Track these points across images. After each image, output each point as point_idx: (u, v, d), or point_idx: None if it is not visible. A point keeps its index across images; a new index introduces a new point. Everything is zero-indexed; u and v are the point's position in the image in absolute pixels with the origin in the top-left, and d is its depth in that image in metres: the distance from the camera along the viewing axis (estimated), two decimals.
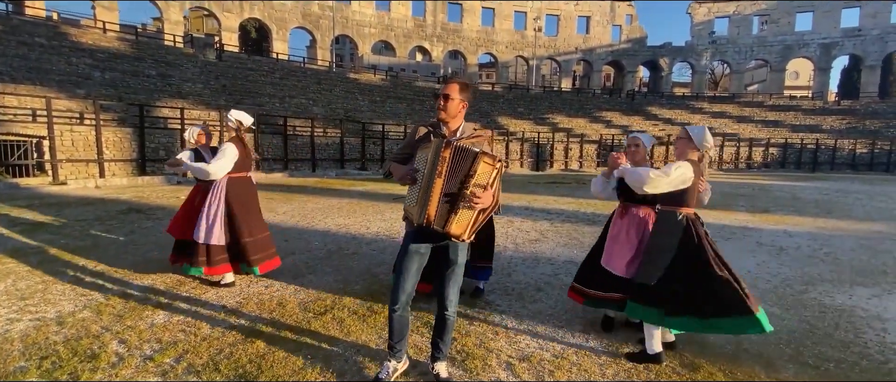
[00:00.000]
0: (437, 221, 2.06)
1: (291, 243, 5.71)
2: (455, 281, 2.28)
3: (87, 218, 6.99)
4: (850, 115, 35.43)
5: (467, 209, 2.04)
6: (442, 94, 2.24)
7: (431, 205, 2.04)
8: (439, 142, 2.05)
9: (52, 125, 11.74)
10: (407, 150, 2.37)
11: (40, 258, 4.74)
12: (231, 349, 2.79)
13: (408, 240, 2.27)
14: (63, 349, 2.76)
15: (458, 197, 2.03)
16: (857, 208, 10.45)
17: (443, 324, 2.33)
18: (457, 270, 2.27)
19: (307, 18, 37.13)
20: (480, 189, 2.02)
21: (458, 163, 2.03)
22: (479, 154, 2.00)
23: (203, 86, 22.06)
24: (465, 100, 2.27)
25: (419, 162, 2.15)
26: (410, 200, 2.17)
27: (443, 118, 2.26)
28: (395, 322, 2.31)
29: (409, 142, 2.37)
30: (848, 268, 5.09)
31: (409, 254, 2.24)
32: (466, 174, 2.01)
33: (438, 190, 2.04)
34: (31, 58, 17.23)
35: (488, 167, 2.03)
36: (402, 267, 2.26)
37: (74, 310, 3.35)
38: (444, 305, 2.29)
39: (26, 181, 11.17)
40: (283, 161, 17.48)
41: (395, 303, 2.27)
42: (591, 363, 2.73)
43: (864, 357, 2.92)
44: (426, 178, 2.07)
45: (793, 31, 42.12)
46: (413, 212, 2.14)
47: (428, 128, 2.33)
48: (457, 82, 2.25)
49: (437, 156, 2.03)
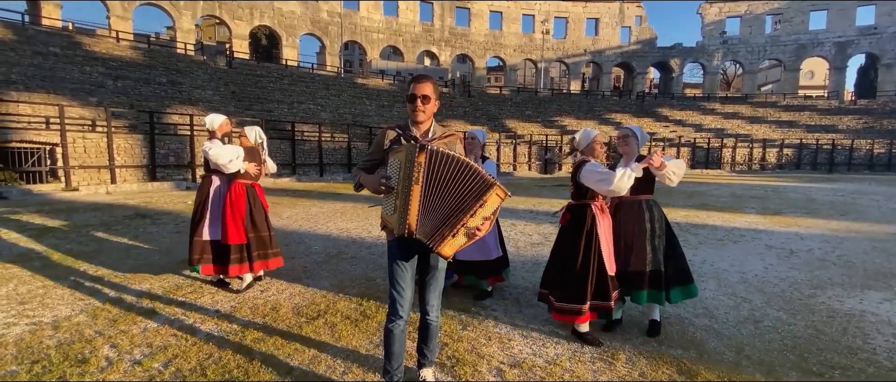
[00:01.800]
0: (421, 232, 1.95)
1: (292, 247, 5.71)
2: (436, 286, 2.21)
3: (93, 223, 7.09)
4: (867, 115, 34.64)
5: (465, 237, 1.97)
6: (420, 95, 2.10)
7: (411, 215, 1.94)
8: (412, 147, 1.94)
9: (64, 132, 11.98)
10: (375, 156, 2.24)
11: (44, 263, 4.80)
12: (220, 354, 2.77)
13: (394, 252, 2.15)
14: (55, 353, 2.77)
15: (447, 211, 1.93)
16: (873, 210, 10.16)
17: (426, 330, 2.28)
18: (437, 275, 2.20)
19: (316, 25, 37.50)
20: (486, 221, 1.97)
21: (436, 169, 1.93)
22: (494, 185, 1.92)
23: (213, 92, 22.37)
24: (438, 99, 2.18)
25: (391, 168, 2.03)
26: (388, 209, 2.06)
27: (421, 120, 2.14)
28: (394, 341, 2.16)
29: (377, 148, 2.23)
30: (860, 272, 4.92)
31: (399, 265, 2.13)
32: (475, 201, 1.92)
33: (417, 198, 1.93)
34: (46, 66, 17.63)
35: (498, 199, 1.96)
36: (397, 278, 2.14)
37: (71, 315, 3.38)
38: (427, 311, 2.23)
39: (39, 187, 11.39)
40: (291, 166, 17.60)
41: (398, 316, 2.13)
42: (584, 369, 2.66)
43: (871, 363, 2.80)
44: (402, 186, 1.96)
45: (807, 30, 41.39)
46: (391, 222, 2.03)
47: (397, 131, 2.19)
48: (430, 81, 2.14)
49: (412, 162, 1.92)
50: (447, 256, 2.01)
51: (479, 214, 1.94)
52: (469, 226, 1.94)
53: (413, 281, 2.18)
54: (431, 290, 2.21)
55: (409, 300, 2.15)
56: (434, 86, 2.14)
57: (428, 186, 1.93)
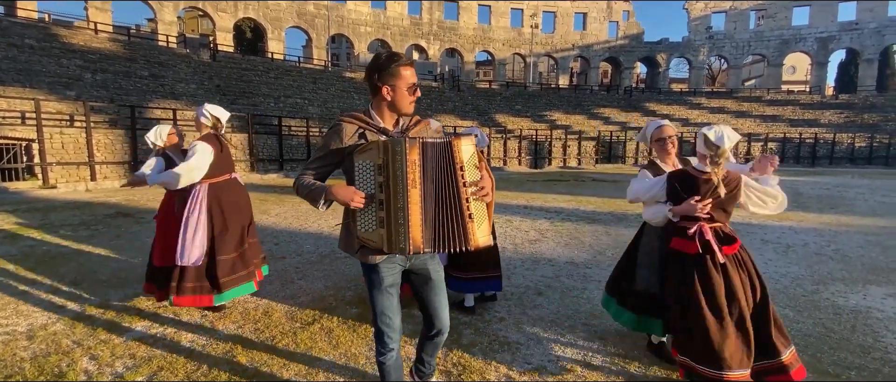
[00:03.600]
0: (428, 244, 1.60)
1: (282, 247, 5.51)
2: (444, 298, 1.93)
3: (72, 223, 6.78)
4: (847, 109, 35.32)
5: (479, 205, 1.64)
6: (414, 84, 1.78)
7: (414, 226, 1.56)
8: (397, 143, 1.56)
9: (41, 127, 11.51)
10: (331, 159, 1.80)
11: (17, 266, 4.53)
12: (209, 365, 2.59)
13: (376, 276, 1.79)
14: (29, 366, 2.56)
15: (453, 203, 1.60)
16: (860, 203, 10.29)
17: (435, 345, 2.01)
18: (442, 286, 1.92)
19: (302, 18, 36.83)
20: (476, 171, 1.64)
21: (430, 163, 1.59)
22: (453, 138, 1.61)
23: (197, 86, 21.81)
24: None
25: (364, 173, 1.64)
26: (368, 225, 1.65)
27: (408, 112, 1.82)
28: (392, 373, 1.89)
29: (334, 147, 1.78)
30: (859, 266, 4.91)
31: (386, 291, 1.80)
32: (454, 171, 1.59)
33: (418, 205, 1.57)
34: (21, 59, 16.96)
35: (470, 147, 1.63)
36: (384, 308, 1.81)
37: (47, 323, 3.16)
38: (441, 330, 1.92)
39: (15, 185, 10.94)
40: (278, 161, 17.26)
41: (390, 349, 1.85)
42: (597, 375, 2.55)
43: (886, 363, 2.74)
44: (392, 192, 1.58)
45: (790, 26, 41.95)
46: (377, 239, 1.62)
47: (359, 124, 1.79)
48: (412, 64, 1.80)
49: (403, 161, 1.55)
50: (488, 244, 1.67)
51: (469, 177, 1.61)
52: (470, 193, 1.61)
53: (400, 305, 1.89)
54: (442, 307, 1.91)
55: (399, 328, 1.87)
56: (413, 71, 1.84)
57: (426, 186, 1.59)
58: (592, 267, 4.71)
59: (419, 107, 19.21)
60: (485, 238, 1.66)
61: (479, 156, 1.70)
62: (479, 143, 3.50)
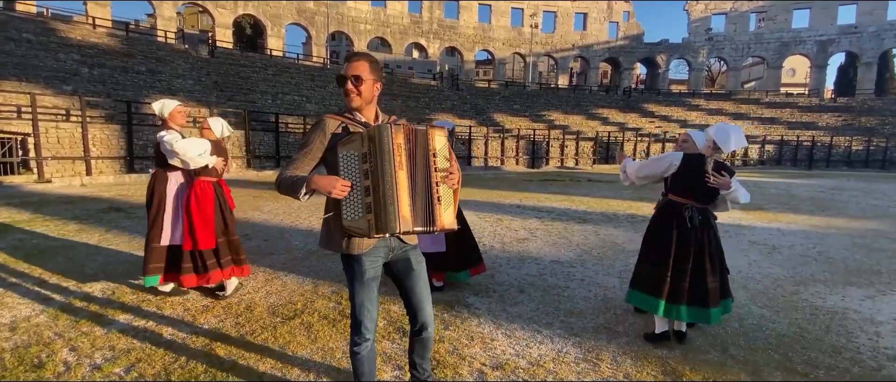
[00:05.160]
0: (417, 222, 1.69)
1: (272, 243, 5.55)
2: (427, 290, 1.97)
3: (64, 217, 6.81)
4: (846, 113, 35.36)
5: (447, 189, 1.75)
6: (350, 76, 1.80)
7: (402, 206, 1.64)
8: (383, 128, 1.64)
9: (36, 122, 11.51)
10: (314, 154, 1.84)
11: (6, 259, 4.56)
12: (188, 357, 2.63)
13: (358, 268, 1.83)
14: (9, 357, 2.60)
15: (429, 186, 1.71)
16: (852, 205, 10.34)
17: (424, 344, 2.02)
18: (424, 277, 1.97)
19: (302, 15, 36.81)
20: (446, 161, 1.76)
21: (413, 147, 1.70)
22: (429, 127, 1.74)
23: (194, 82, 21.81)
24: (379, 80, 1.89)
25: (348, 162, 1.71)
26: (354, 213, 1.71)
27: (357, 105, 1.85)
28: (365, 363, 1.91)
29: (317, 142, 1.83)
30: (842, 268, 4.96)
31: (367, 284, 1.84)
32: (428, 155, 1.71)
33: (405, 185, 1.66)
34: (18, 54, 16.94)
35: (442, 139, 1.76)
36: (363, 300, 1.85)
37: (30, 315, 3.19)
38: (425, 324, 1.96)
39: (10, 179, 10.95)
40: (274, 158, 17.27)
41: (365, 339, 1.88)
42: (568, 370, 2.59)
43: (856, 363, 2.78)
44: (380, 176, 1.65)
45: (789, 28, 41.98)
46: (364, 226, 1.69)
47: (341, 120, 1.86)
48: (365, 59, 1.84)
49: (390, 145, 1.64)
50: (450, 226, 1.76)
51: (440, 165, 1.73)
52: (440, 178, 1.73)
53: (377, 298, 1.93)
54: (425, 297, 1.94)
55: (375, 318, 1.92)
56: (371, 66, 1.84)
57: (412, 168, 1.68)
58: (577, 267, 4.75)
59: (418, 106, 19.41)
60: (450, 221, 1.77)
61: (450, 150, 1.82)
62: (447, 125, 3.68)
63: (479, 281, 4.11)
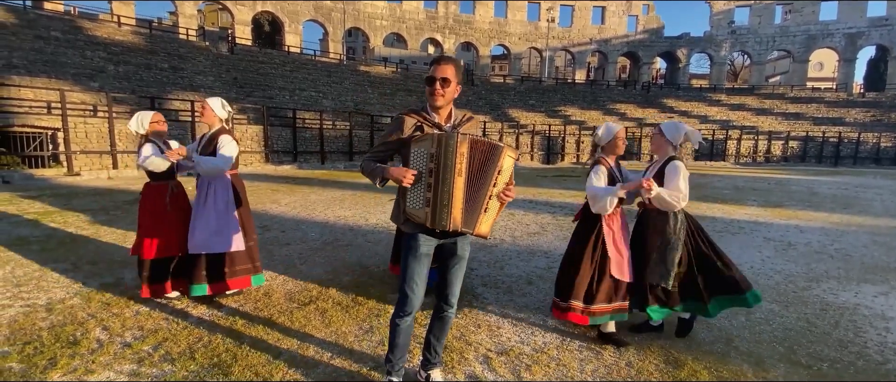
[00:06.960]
0: (465, 224, 1.91)
1: (288, 234, 5.73)
2: (461, 275, 2.14)
3: (93, 208, 7.13)
4: (875, 108, 34.16)
5: (496, 203, 1.97)
6: (438, 78, 1.98)
7: (455, 208, 1.88)
8: (450, 136, 1.85)
9: (66, 117, 11.99)
10: (392, 146, 2.09)
11: (42, 246, 4.84)
12: (210, 337, 2.79)
13: (414, 243, 2.03)
14: (47, 334, 2.80)
15: (482, 195, 1.91)
16: (877, 203, 10.08)
17: (443, 323, 2.19)
18: (463, 264, 2.14)
19: (319, 11, 37.18)
20: (508, 185, 2.00)
21: (476, 158, 1.88)
22: (504, 148, 1.91)
23: (214, 78, 22.31)
24: (460, 83, 2.06)
25: (418, 158, 1.91)
26: (415, 203, 1.93)
27: (440, 105, 2.02)
28: (401, 334, 2.11)
29: (394, 137, 2.06)
30: (858, 265, 4.89)
31: (420, 259, 2.03)
32: (493, 170, 1.90)
33: (461, 190, 1.88)
34: (47, 51, 17.60)
35: (511, 161, 1.96)
36: (413, 273, 2.04)
37: (65, 297, 3.40)
38: (449, 301, 2.14)
39: (41, 172, 11.45)
40: (292, 153, 17.60)
41: (407, 313, 2.07)
42: (571, 358, 2.67)
43: (861, 357, 2.79)
44: (440, 177, 1.86)
45: (817, 21, 40.66)
46: (422, 216, 1.92)
47: (417, 118, 2.04)
48: (452, 63, 2.01)
49: (454, 152, 1.84)
50: (487, 234, 2.00)
51: (500, 181, 1.94)
52: (492, 194, 1.94)
53: (427, 276, 2.11)
54: (456, 281, 2.13)
55: (421, 297, 2.09)
56: (456, 69, 2.02)
57: (470, 176, 1.89)
58: None
59: None
60: (486, 228, 1.99)
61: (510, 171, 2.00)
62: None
63: (487, 273, 4.20)
